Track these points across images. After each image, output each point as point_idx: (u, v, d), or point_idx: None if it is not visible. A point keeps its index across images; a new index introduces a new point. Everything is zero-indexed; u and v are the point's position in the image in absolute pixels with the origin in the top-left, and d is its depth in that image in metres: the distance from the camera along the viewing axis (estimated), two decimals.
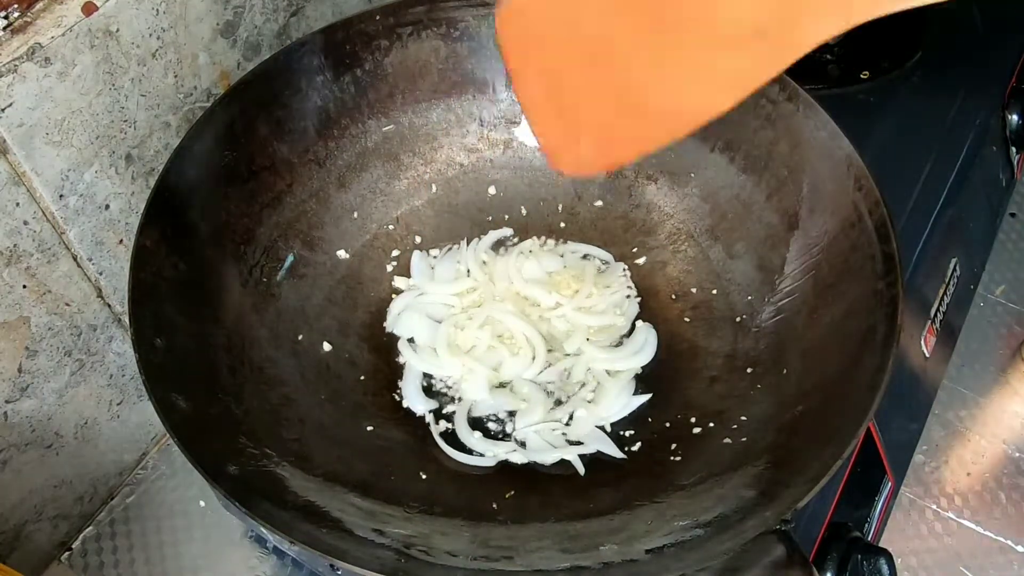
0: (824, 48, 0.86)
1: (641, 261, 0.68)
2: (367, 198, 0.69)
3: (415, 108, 0.70)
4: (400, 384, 0.63)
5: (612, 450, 0.59)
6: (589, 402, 0.61)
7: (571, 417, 0.61)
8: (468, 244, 0.69)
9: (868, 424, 0.47)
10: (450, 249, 0.69)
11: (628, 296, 0.66)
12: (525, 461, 0.59)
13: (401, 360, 0.64)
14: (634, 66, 0.34)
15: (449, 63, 0.69)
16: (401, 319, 0.66)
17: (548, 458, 0.59)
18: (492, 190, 0.72)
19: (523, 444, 0.60)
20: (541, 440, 0.60)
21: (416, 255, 0.69)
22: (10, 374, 0.55)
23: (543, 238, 0.70)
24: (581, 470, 0.58)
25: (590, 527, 0.53)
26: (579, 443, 0.60)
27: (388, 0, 0.66)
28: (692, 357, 0.62)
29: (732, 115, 0.66)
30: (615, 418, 0.61)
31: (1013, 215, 0.87)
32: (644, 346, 0.63)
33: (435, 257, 0.69)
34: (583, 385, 0.62)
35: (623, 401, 0.61)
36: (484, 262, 0.68)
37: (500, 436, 0.61)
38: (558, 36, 0.36)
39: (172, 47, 0.58)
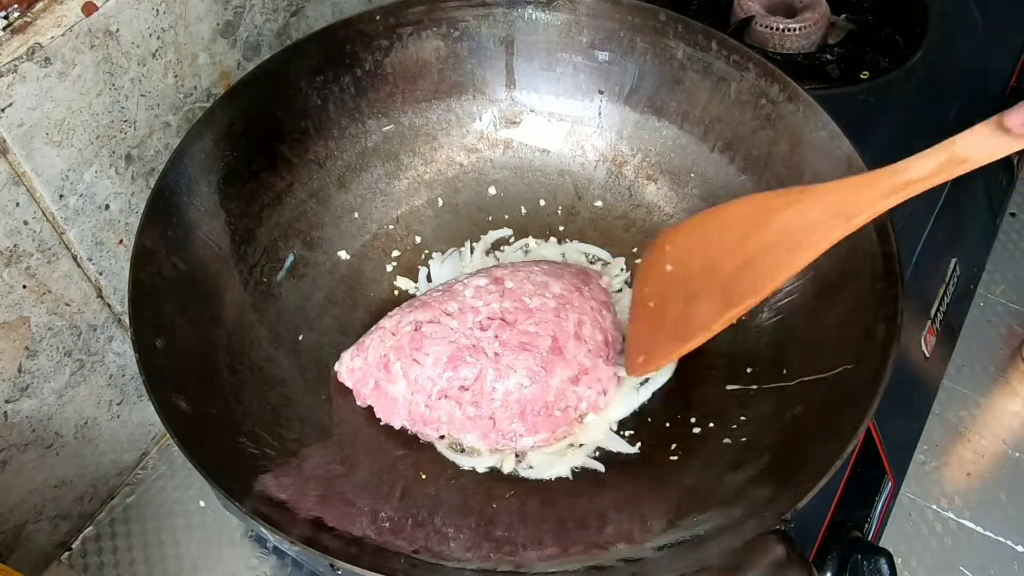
0: (824, 48, 0.86)
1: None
2: (367, 198, 0.69)
3: (415, 108, 0.70)
4: None
5: (624, 447, 0.58)
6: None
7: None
8: (472, 249, 0.69)
9: (868, 424, 0.47)
10: (452, 253, 0.69)
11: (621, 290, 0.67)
12: (526, 476, 0.58)
13: None
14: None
15: (449, 63, 0.69)
16: None
17: (550, 473, 0.58)
18: (492, 190, 0.72)
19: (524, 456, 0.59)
20: (544, 457, 0.59)
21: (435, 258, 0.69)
22: (10, 374, 0.55)
23: (541, 240, 0.70)
24: (600, 468, 0.58)
25: (590, 527, 0.53)
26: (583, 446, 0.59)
27: (388, 0, 0.66)
28: (692, 357, 0.62)
29: (732, 115, 0.66)
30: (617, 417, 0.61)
31: (1013, 215, 0.87)
32: None
33: (439, 261, 0.69)
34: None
35: (631, 402, 0.61)
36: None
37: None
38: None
39: (172, 47, 0.58)
